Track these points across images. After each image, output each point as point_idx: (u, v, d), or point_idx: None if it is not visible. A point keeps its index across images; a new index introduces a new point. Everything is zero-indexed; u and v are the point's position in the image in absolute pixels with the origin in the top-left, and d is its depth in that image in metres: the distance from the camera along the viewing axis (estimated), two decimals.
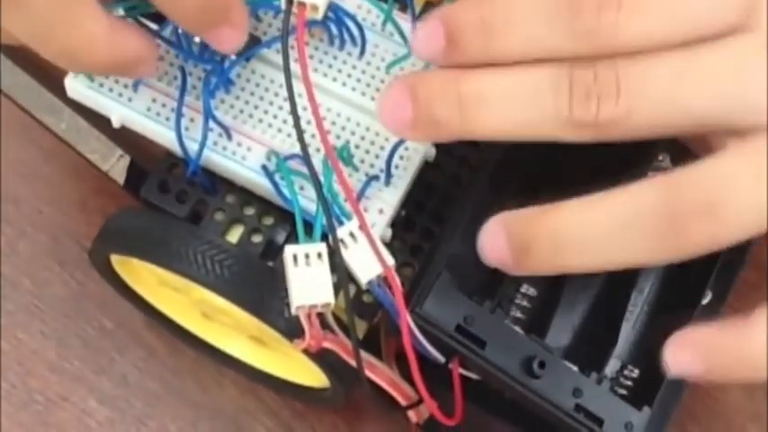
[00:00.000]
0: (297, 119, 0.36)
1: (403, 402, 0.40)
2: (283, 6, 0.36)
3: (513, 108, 0.34)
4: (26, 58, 0.50)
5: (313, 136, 0.38)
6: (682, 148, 0.39)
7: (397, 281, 0.35)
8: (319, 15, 0.37)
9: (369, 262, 0.35)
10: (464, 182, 0.41)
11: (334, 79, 0.40)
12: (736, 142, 0.34)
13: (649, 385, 0.38)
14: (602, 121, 0.33)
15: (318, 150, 0.38)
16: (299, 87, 0.36)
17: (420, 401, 0.39)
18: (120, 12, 0.39)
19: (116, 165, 0.52)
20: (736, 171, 0.33)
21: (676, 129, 0.34)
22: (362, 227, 0.35)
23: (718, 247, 0.33)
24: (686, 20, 0.34)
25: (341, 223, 0.36)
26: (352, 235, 0.36)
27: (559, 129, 0.34)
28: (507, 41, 0.34)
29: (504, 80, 0.34)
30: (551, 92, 0.34)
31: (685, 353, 0.35)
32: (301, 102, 0.36)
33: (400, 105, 0.34)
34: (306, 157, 0.35)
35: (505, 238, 0.34)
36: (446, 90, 0.34)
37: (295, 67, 0.36)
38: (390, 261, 0.36)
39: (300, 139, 0.35)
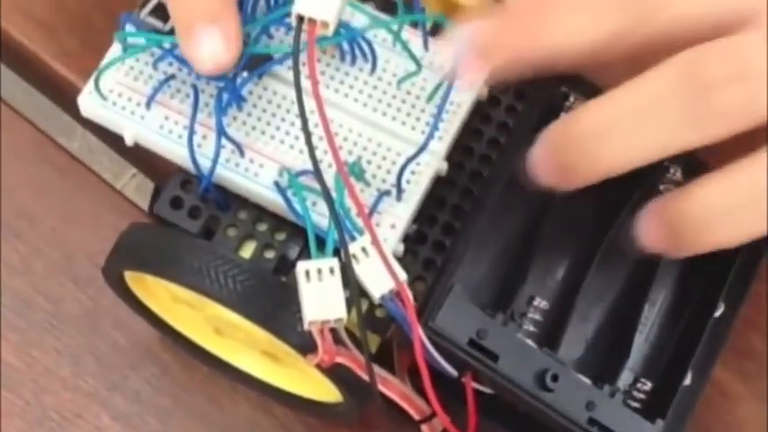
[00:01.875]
0: (308, 135, 0.36)
1: (416, 417, 0.41)
2: (294, 24, 0.37)
3: (643, 122, 0.34)
4: (39, 77, 0.51)
5: (325, 152, 0.38)
6: (693, 161, 0.39)
7: (409, 295, 0.35)
8: (330, 32, 0.37)
9: (381, 276, 0.36)
10: (476, 195, 0.41)
11: (346, 95, 0.40)
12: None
13: (662, 398, 0.38)
14: (734, 109, 0.33)
15: (330, 166, 0.39)
16: (310, 104, 0.36)
17: (433, 416, 0.39)
18: (138, 41, 0.40)
19: (129, 183, 0.52)
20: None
21: None
22: (374, 242, 0.35)
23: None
24: None
25: (353, 238, 0.36)
26: (364, 250, 0.36)
27: (692, 134, 0.34)
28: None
29: (627, 104, 0.34)
30: (679, 91, 0.33)
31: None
32: (313, 118, 0.36)
33: (541, 158, 0.35)
34: (317, 173, 0.36)
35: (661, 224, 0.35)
36: (568, 135, 0.35)
37: (306, 84, 0.36)
38: (403, 276, 0.36)
39: (312, 154, 0.36)
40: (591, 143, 0.34)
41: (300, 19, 0.36)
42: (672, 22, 0.34)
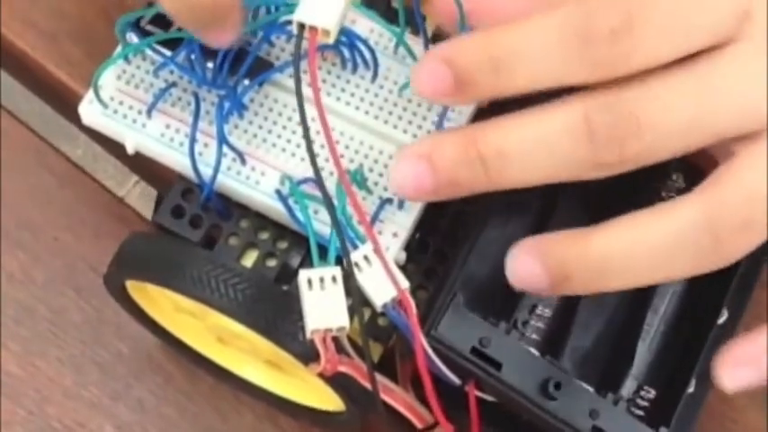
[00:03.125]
0: (309, 143, 0.35)
1: (419, 425, 0.40)
2: (295, 31, 0.36)
3: (536, 160, 0.34)
4: (41, 86, 0.51)
5: (327, 160, 0.38)
6: (693, 166, 0.39)
7: (411, 303, 0.35)
8: (331, 40, 0.37)
9: (383, 285, 0.35)
10: (478, 204, 0.41)
11: (347, 103, 0.40)
12: (743, 147, 0.35)
13: (666, 406, 0.38)
14: (627, 159, 0.34)
15: (332, 174, 0.39)
16: (311, 111, 0.36)
17: (436, 425, 0.39)
18: (135, 39, 0.40)
19: (132, 191, 0.52)
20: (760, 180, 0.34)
21: (695, 148, 0.35)
22: (377, 250, 0.35)
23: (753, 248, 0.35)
24: (688, 35, 0.34)
25: (355, 246, 0.36)
26: (366, 258, 0.36)
27: (584, 171, 0.34)
28: (518, 77, 0.34)
29: (522, 132, 0.34)
30: (572, 140, 0.34)
31: (737, 369, 0.36)
32: (314, 126, 0.36)
33: (418, 177, 0.35)
34: (319, 181, 0.35)
35: (542, 267, 0.34)
36: (467, 154, 0.34)
37: (307, 92, 0.36)
38: (405, 284, 0.35)
39: (313, 162, 0.35)
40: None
41: (302, 26, 0.36)
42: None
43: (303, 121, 0.35)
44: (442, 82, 0.34)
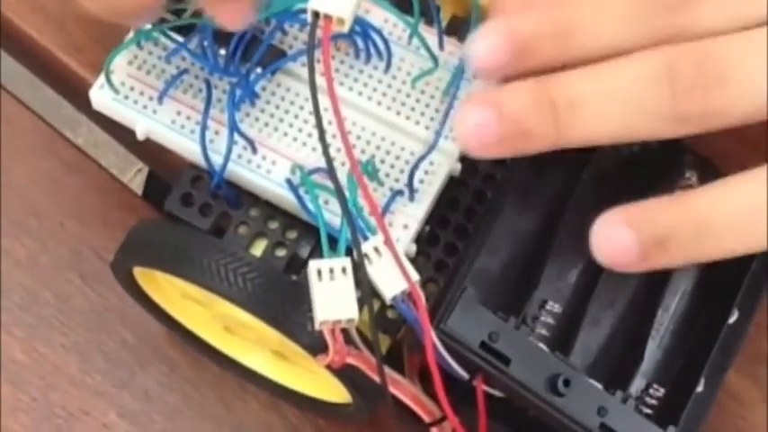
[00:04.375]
0: (322, 133, 0.35)
1: (426, 418, 0.40)
2: (309, 20, 0.36)
3: (611, 110, 0.33)
4: (47, 70, 0.51)
5: (338, 150, 0.38)
6: (707, 163, 0.39)
7: (421, 296, 0.35)
8: (345, 28, 0.36)
9: (393, 277, 0.35)
10: (489, 197, 0.41)
11: (360, 93, 0.40)
12: None
13: (675, 404, 0.38)
14: (708, 111, 0.32)
15: (343, 165, 0.38)
16: (324, 101, 0.36)
17: (443, 418, 0.39)
18: (148, 26, 0.39)
19: (135, 177, 0.52)
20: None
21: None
22: (387, 241, 0.35)
23: None
24: (756, 8, 0.33)
25: (365, 238, 0.36)
26: (376, 250, 0.35)
27: (662, 126, 0.33)
28: (584, 45, 0.33)
29: (597, 81, 0.33)
30: (652, 87, 0.32)
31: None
32: (326, 116, 0.36)
33: (484, 123, 0.33)
34: (331, 171, 0.35)
35: (635, 237, 0.33)
36: (537, 99, 0.33)
37: (320, 81, 0.36)
38: (415, 276, 0.35)
39: (326, 152, 0.35)
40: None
41: (316, 15, 0.36)
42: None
43: (316, 111, 0.35)
44: (502, 55, 0.33)
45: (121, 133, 0.41)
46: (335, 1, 0.36)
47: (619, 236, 0.33)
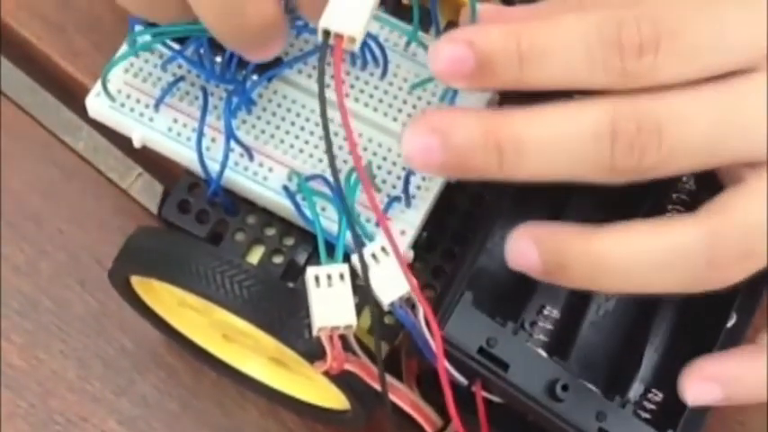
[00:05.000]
0: (329, 145, 0.34)
1: (424, 424, 0.40)
2: (319, 38, 0.34)
3: (555, 159, 0.34)
4: (48, 76, 0.51)
5: (335, 156, 0.38)
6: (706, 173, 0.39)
7: (425, 300, 0.35)
8: (356, 47, 0.35)
9: (391, 283, 0.35)
10: (486, 203, 0.41)
11: (357, 100, 0.40)
12: (753, 175, 0.35)
13: (673, 409, 0.38)
14: (642, 168, 0.34)
15: (340, 171, 0.38)
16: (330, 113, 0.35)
17: (444, 427, 0.39)
18: (147, 38, 0.39)
19: (133, 184, 0.52)
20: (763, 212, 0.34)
21: (708, 167, 0.35)
22: (391, 245, 0.35)
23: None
24: (717, 58, 0.34)
25: (363, 245, 0.36)
26: (374, 256, 0.35)
27: (600, 174, 0.34)
28: (543, 72, 0.34)
29: (545, 128, 0.34)
30: (594, 141, 0.34)
31: (704, 384, 0.37)
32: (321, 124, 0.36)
33: (428, 147, 0.34)
34: (335, 177, 0.35)
35: (538, 255, 0.35)
36: (485, 138, 0.34)
37: (328, 95, 0.35)
38: (413, 282, 0.35)
39: (332, 163, 0.34)
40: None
41: (327, 34, 0.34)
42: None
43: (325, 129, 0.34)
44: (462, 63, 0.33)
45: (121, 139, 0.41)
46: (346, 19, 0.34)
47: (525, 250, 0.35)
